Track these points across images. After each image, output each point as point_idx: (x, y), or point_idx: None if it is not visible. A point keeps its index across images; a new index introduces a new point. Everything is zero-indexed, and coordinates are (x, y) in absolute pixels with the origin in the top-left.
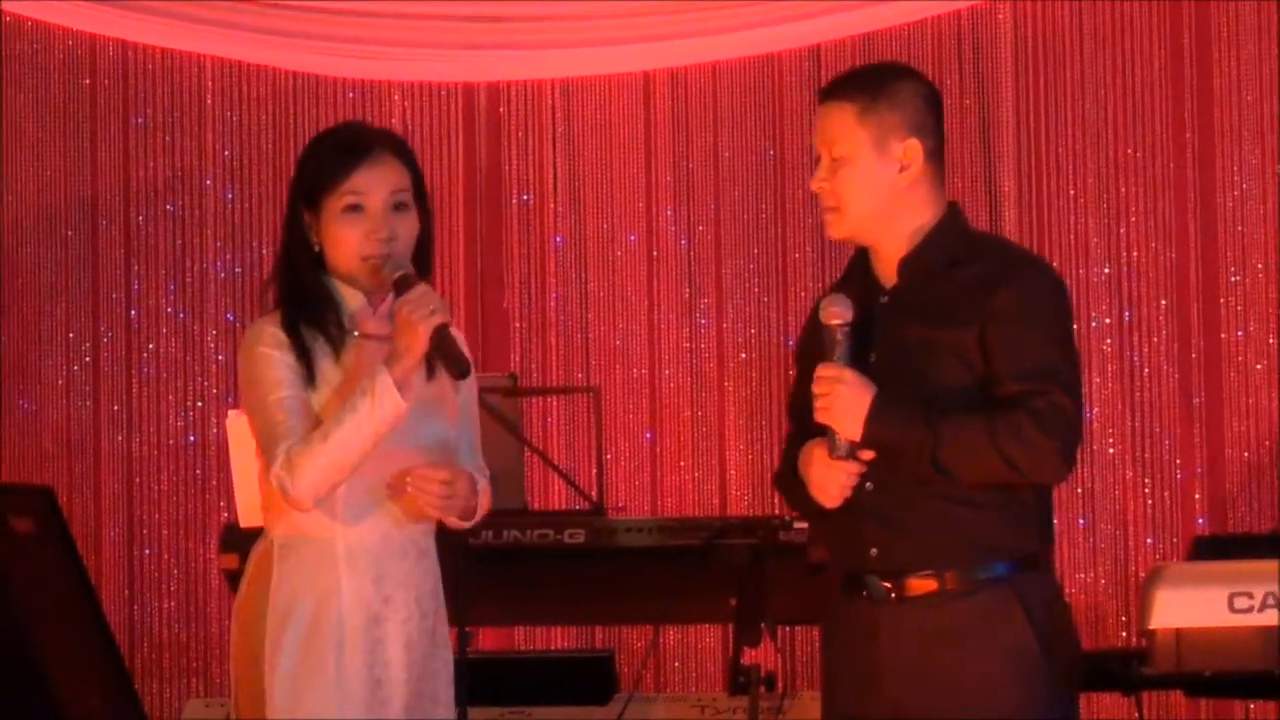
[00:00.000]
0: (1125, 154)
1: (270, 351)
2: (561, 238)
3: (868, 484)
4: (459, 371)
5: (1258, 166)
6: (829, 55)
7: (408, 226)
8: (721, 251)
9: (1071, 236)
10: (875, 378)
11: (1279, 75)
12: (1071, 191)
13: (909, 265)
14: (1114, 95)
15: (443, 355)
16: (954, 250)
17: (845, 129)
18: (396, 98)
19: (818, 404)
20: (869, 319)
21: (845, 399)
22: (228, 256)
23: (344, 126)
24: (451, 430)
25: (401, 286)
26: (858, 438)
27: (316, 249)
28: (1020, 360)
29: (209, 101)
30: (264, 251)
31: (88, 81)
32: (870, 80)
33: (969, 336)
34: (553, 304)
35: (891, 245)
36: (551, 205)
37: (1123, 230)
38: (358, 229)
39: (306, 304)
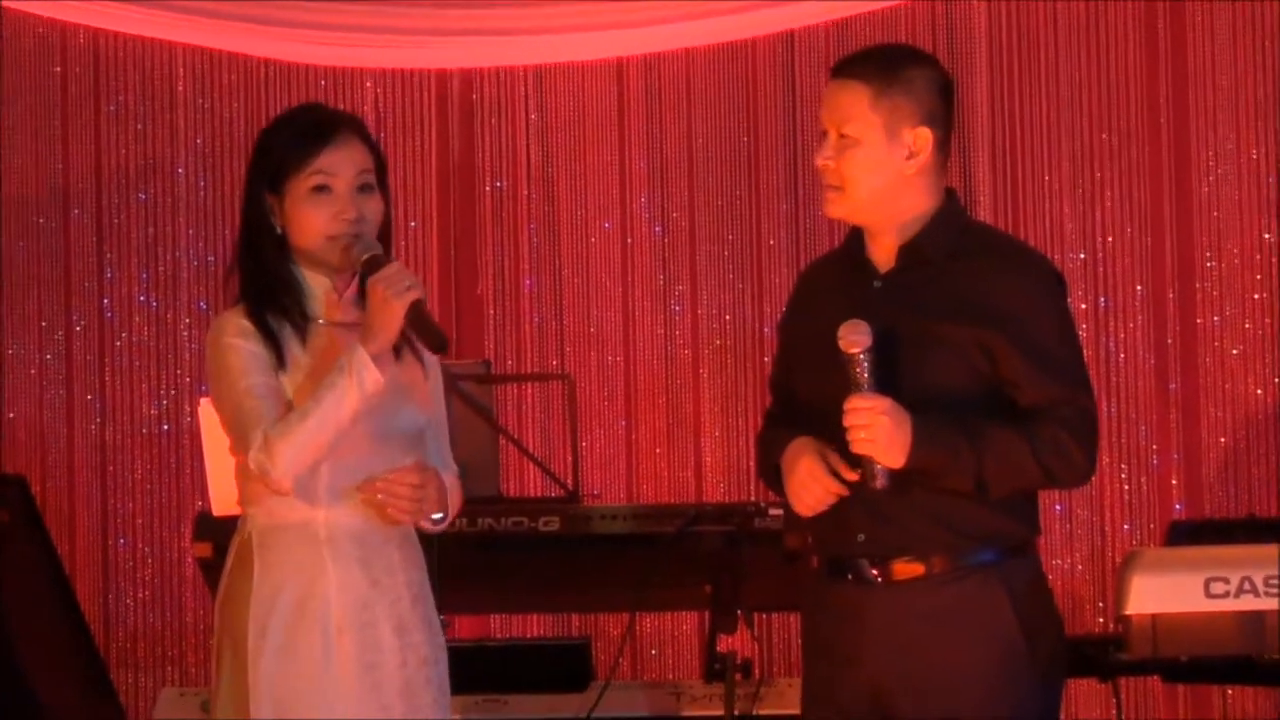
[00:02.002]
0: (1100, 139)
1: (236, 341)
2: (534, 224)
3: (860, 463)
4: (436, 344)
5: (1233, 150)
6: (802, 42)
7: (374, 208)
8: (696, 238)
9: (1046, 222)
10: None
11: (1257, 59)
12: (1046, 176)
13: (909, 253)
14: (1089, 79)
15: (419, 329)
16: (953, 241)
17: (857, 110)
18: (369, 84)
19: (855, 435)
20: (860, 301)
21: (888, 430)
22: (200, 244)
23: (305, 109)
24: (424, 417)
25: (373, 266)
26: (899, 466)
27: (280, 232)
28: (1039, 366)
29: (180, 89)
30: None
31: (58, 69)
32: (887, 63)
33: (971, 335)
34: (526, 291)
35: (889, 229)
36: (525, 192)
37: (1098, 215)
38: (325, 210)
39: (271, 290)
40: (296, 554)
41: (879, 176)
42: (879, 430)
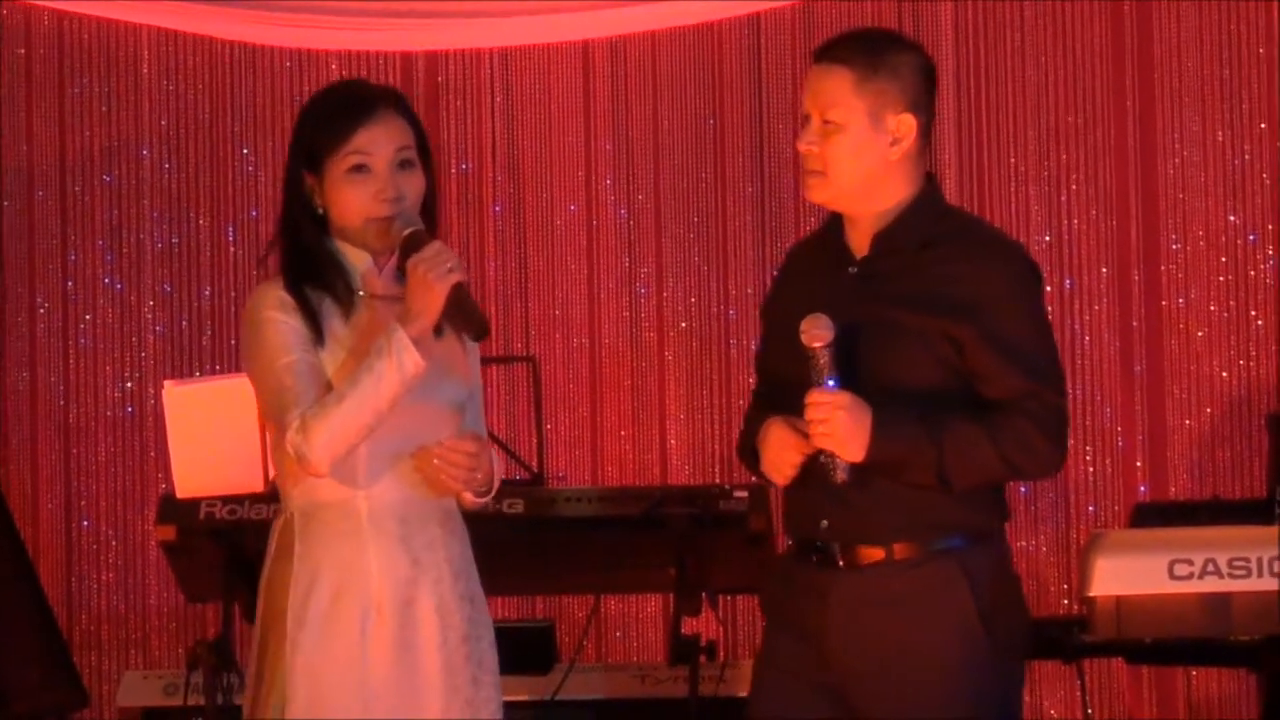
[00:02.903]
0: (1066, 121)
1: (275, 315)
2: (500, 207)
3: (822, 457)
4: (478, 332)
5: (1198, 133)
6: (768, 24)
7: (414, 184)
8: (661, 221)
9: (1012, 204)
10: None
11: (1222, 41)
12: (1012, 159)
13: (883, 240)
14: (1055, 61)
15: (461, 315)
16: (928, 229)
17: (841, 95)
18: (333, 66)
19: (816, 429)
20: (834, 287)
21: (847, 424)
22: (165, 227)
23: (344, 85)
24: (465, 389)
25: (412, 243)
26: (860, 460)
27: (320, 212)
28: (1007, 359)
29: (145, 71)
30: (201, 222)
31: (22, 51)
32: (872, 48)
33: (938, 326)
34: (491, 273)
35: (869, 216)
36: (490, 174)
37: (1063, 198)
38: (364, 190)
39: (311, 267)
40: (337, 533)
41: (862, 162)
42: (838, 425)
